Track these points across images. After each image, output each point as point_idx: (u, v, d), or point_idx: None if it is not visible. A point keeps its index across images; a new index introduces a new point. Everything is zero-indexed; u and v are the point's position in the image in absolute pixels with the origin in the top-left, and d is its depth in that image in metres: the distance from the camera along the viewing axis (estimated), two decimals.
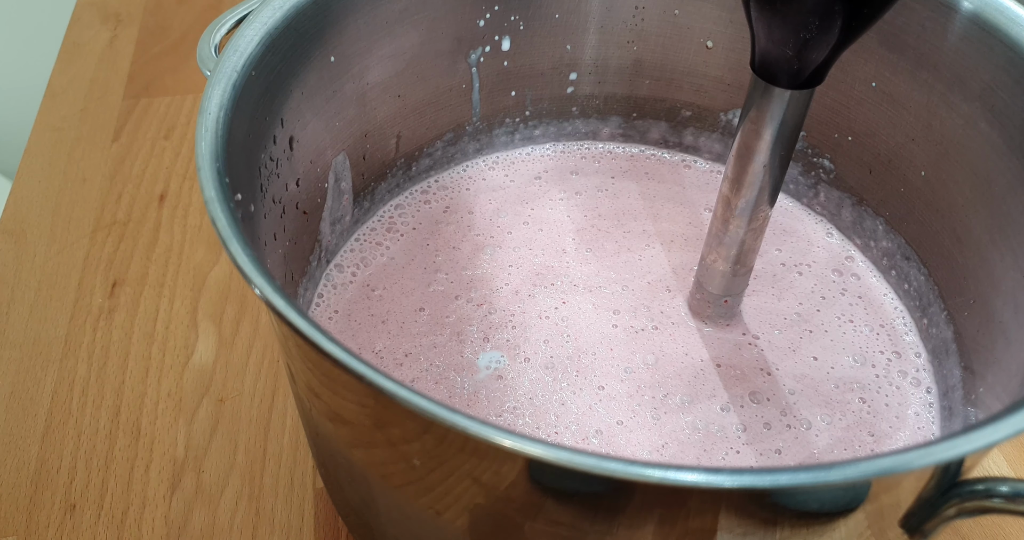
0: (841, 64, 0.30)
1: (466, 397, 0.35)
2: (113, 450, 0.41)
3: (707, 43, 0.43)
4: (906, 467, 0.21)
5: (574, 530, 0.25)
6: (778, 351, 0.38)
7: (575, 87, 0.45)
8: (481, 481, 0.24)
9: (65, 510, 0.38)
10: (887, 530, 0.26)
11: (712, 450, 0.34)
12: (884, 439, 0.35)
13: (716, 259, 0.35)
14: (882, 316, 0.40)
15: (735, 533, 0.24)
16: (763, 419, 0.35)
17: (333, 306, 0.38)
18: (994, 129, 0.34)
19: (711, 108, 0.45)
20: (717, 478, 0.20)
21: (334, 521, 0.39)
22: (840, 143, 0.42)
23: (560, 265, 0.41)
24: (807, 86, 0.29)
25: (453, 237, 0.42)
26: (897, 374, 0.37)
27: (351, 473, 0.30)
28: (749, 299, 0.39)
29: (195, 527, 0.38)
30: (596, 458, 0.21)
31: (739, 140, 0.32)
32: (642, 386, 0.36)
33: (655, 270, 0.41)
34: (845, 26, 0.26)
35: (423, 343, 0.37)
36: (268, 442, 0.41)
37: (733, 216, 0.34)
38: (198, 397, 0.43)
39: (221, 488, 0.39)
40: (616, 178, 0.45)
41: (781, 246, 0.42)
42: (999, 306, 0.34)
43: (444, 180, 0.45)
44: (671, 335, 0.38)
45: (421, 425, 0.23)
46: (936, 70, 0.36)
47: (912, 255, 0.40)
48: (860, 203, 0.42)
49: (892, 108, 0.39)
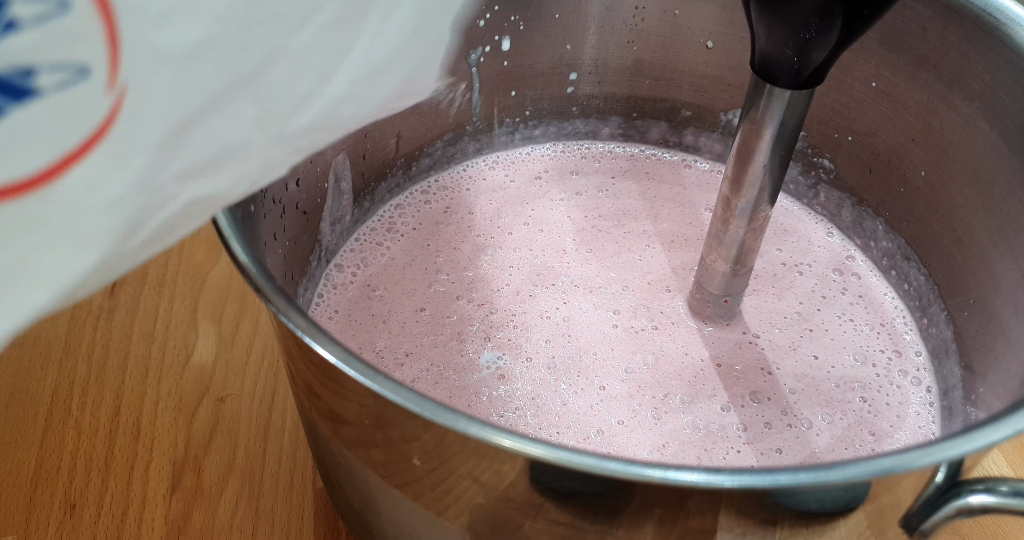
0: (841, 64, 0.30)
1: (467, 397, 0.35)
2: (113, 450, 0.41)
3: (707, 43, 0.43)
4: (906, 467, 0.21)
5: (574, 530, 0.25)
6: (778, 350, 0.38)
7: (575, 87, 0.45)
8: (481, 481, 0.24)
9: (65, 510, 0.38)
10: (887, 530, 0.26)
11: (713, 450, 0.34)
12: (885, 438, 0.35)
13: (716, 259, 0.35)
14: (882, 315, 0.40)
15: (735, 533, 0.24)
16: (764, 418, 0.35)
17: (333, 306, 0.38)
18: (994, 129, 0.34)
19: (711, 108, 0.45)
20: (717, 478, 0.21)
21: (334, 521, 0.39)
22: (840, 143, 0.42)
23: (561, 265, 0.41)
24: (807, 86, 0.29)
25: (454, 237, 0.42)
26: (898, 373, 0.37)
27: (351, 473, 0.30)
28: (749, 298, 0.39)
29: (195, 527, 0.38)
30: (596, 458, 0.21)
31: (739, 140, 0.32)
32: (642, 386, 0.36)
33: (655, 270, 0.41)
34: (845, 26, 0.26)
35: (424, 343, 0.37)
36: (268, 442, 0.41)
37: (733, 216, 0.34)
38: (198, 397, 0.43)
39: (221, 488, 0.39)
40: (616, 178, 0.45)
41: (781, 246, 0.42)
42: (999, 306, 0.34)
43: (444, 180, 0.45)
44: (671, 335, 0.38)
45: (421, 425, 0.23)
46: (936, 70, 0.36)
47: (912, 255, 0.40)
48: (860, 203, 0.42)
49: (892, 108, 0.39)
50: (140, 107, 0.17)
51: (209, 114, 0.18)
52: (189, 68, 0.17)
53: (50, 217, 0.16)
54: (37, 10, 0.15)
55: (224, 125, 0.19)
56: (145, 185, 0.18)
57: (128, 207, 0.17)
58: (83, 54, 0.16)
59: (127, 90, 0.17)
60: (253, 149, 0.20)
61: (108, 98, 0.16)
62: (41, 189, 0.16)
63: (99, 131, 0.16)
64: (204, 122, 0.18)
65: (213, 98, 0.18)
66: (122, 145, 0.17)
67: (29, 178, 0.16)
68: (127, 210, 0.17)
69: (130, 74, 0.16)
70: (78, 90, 0.16)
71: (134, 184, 0.17)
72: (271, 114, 0.20)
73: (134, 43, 0.16)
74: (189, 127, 0.18)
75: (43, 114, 0.15)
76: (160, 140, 0.17)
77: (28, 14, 0.15)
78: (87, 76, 0.16)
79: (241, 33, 0.18)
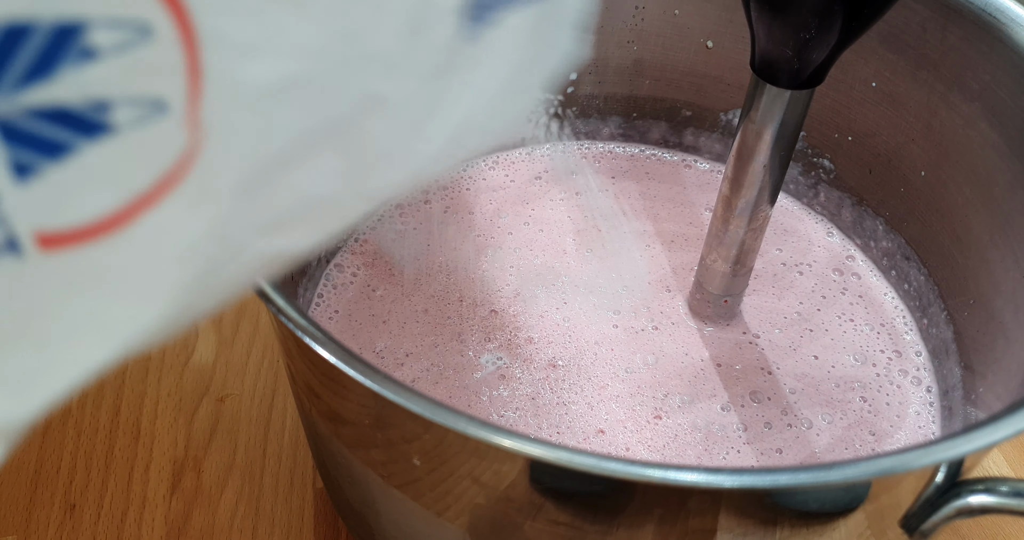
0: (841, 64, 0.30)
1: (467, 397, 0.35)
2: (113, 450, 0.41)
3: (707, 43, 0.43)
4: (906, 467, 0.21)
5: (574, 530, 0.25)
6: (779, 350, 0.38)
7: (575, 87, 0.45)
8: (481, 481, 0.24)
9: (65, 510, 0.38)
10: (887, 530, 0.26)
11: (713, 450, 0.34)
12: (885, 438, 0.35)
13: (716, 259, 0.35)
14: (882, 315, 0.40)
15: (735, 533, 0.24)
16: (764, 418, 0.35)
17: (333, 306, 0.38)
18: (994, 129, 0.34)
19: (711, 108, 0.45)
20: (717, 478, 0.21)
21: (334, 521, 0.39)
22: (840, 143, 0.42)
23: (561, 265, 0.41)
24: (807, 86, 0.29)
25: (454, 238, 0.42)
26: (898, 373, 0.37)
27: (351, 473, 0.30)
28: (749, 298, 0.39)
29: (195, 527, 0.38)
30: (596, 458, 0.21)
31: (739, 140, 0.32)
32: (643, 386, 0.36)
33: (655, 270, 0.41)
34: (845, 26, 0.26)
35: (424, 343, 0.37)
36: (268, 442, 0.41)
37: (733, 216, 0.34)
38: (198, 397, 0.43)
39: (221, 488, 0.39)
40: (616, 178, 0.45)
41: (782, 246, 0.42)
42: (999, 306, 0.34)
43: (444, 180, 0.45)
44: (671, 335, 0.38)
45: (421, 425, 0.23)
46: (936, 70, 0.36)
47: (912, 255, 0.40)
48: (860, 203, 0.42)
49: (892, 108, 0.39)
50: (219, 150, 0.15)
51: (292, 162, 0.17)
52: (273, 109, 0.16)
53: (118, 266, 0.15)
54: (118, 38, 0.13)
55: (307, 176, 0.17)
56: (221, 235, 0.16)
57: (201, 258, 0.16)
58: (162, 87, 0.14)
59: (206, 130, 0.15)
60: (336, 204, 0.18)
61: (186, 137, 0.15)
62: (111, 235, 0.14)
63: (175, 173, 0.15)
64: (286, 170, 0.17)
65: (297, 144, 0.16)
66: (199, 190, 0.15)
67: (99, 222, 0.14)
68: (200, 261, 0.16)
69: (210, 113, 0.15)
70: (155, 127, 0.14)
71: (209, 234, 0.16)
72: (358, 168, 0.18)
73: (216, 78, 0.15)
74: (270, 174, 0.16)
75: (117, 152, 0.14)
76: (239, 186, 0.16)
77: (108, 42, 0.13)
78: (165, 112, 0.14)
79: (332, 74, 0.16)
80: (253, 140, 0.16)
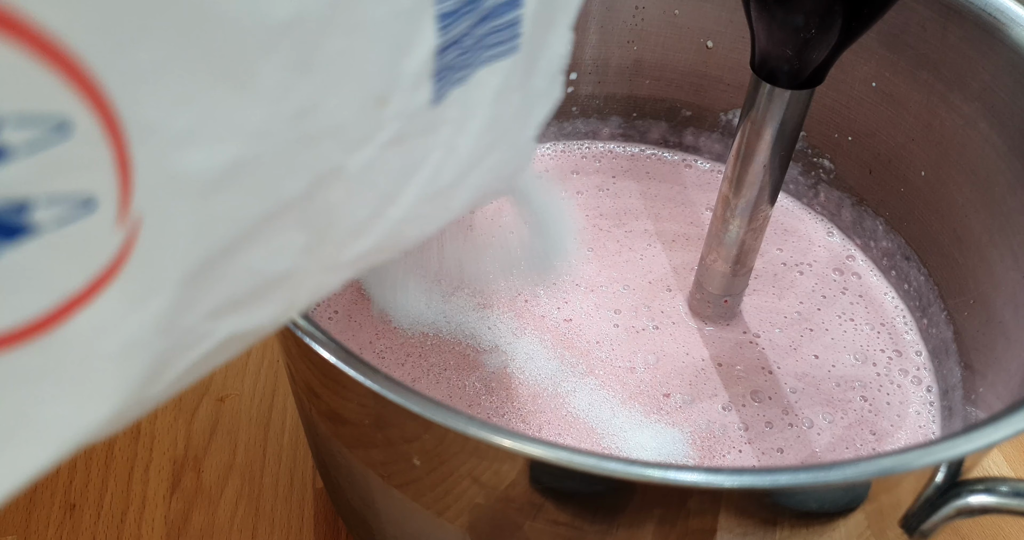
0: (841, 64, 0.30)
1: (467, 397, 0.35)
2: (113, 450, 0.41)
3: (707, 43, 0.43)
4: (906, 467, 0.21)
5: (574, 530, 0.25)
6: (779, 350, 0.38)
7: (575, 87, 0.45)
8: (481, 481, 0.24)
9: (65, 510, 0.38)
10: (887, 530, 0.26)
11: (713, 449, 0.34)
12: (885, 438, 0.35)
13: (716, 259, 0.35)
14: (883, 315, 0.40)
15: (735, 533, 0.24)
16: (764, 418, 0.35)
17: (333, 306, 0.38)
18: (994, 129, 0.34)
19: (711, 108, 0.45)
20: (717, 478, 0.21)
21: (334, 521, 0.39)
22: (840, 143, 0.42)
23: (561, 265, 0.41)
24: (807, 86, 0.29)
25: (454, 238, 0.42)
26: (898, 372, 0.37)
27: (351, 473, 0.30)
28: (750, 298, 0.39)
29: (195, 527, 0.38)
30: (596, 458, 0.21)
31: (739, 140, 0.32)
32: (643, 385, 0.36)
33: (656, 270, 0.41)
34: (845, 26, 0.26)
35: (425, 343, 0.37)
36: (268, 442, 0.41)
37: (733, 216, 0.34)
38: (198, 397, 0.43)
39: (221, 488, 0.39)
40: (617, 178, 0.45)
41: (782, 245, 0.42)
42: (999, 306, 0.34)
43: None
44: (672, 334, 0.38)
45: (421, 425, 0.23)
46: (936, 70, 0.36)
47: (912, 255, 0.40)
48: (860, 203, 0.42)
49: (892, 108, 0.39)
50: (159, 241, 0.15)
51: (247, 245, 0.16)
52: (217, 196, 0.15)
53: (53, 368, 0.14)
54: (31, 135, 0.12)
55: (266, 256, 0.16)
56: (168, 326, 0.15)
57: (148, 352, 0.15)
58: (88, 184, 0.13)
59: (142, 223, 0.14)
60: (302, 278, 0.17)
61: (119, 233, 0.14)
62: (41, 337, 0.14)
63: (109, 270, 0.14)
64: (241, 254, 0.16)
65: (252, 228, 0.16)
66: (138, 285, 0.15)
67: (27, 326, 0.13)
68: (147, 355, 0.15)
69: (145, 205, 0.14)
70: (83, 225, 0.13)
71: (154, 327, 0.15)
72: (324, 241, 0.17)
73: (149, 170, 0.14)
74: (222, 260, 0.15)
75: (41, 254, 0.13)
76: (185, 277, 0.15)
77: (20, 140, 0.12)
78: (93, 209, 0.13)
79: (284, 154, 0.15)
80: (198, 228, 0.15)
